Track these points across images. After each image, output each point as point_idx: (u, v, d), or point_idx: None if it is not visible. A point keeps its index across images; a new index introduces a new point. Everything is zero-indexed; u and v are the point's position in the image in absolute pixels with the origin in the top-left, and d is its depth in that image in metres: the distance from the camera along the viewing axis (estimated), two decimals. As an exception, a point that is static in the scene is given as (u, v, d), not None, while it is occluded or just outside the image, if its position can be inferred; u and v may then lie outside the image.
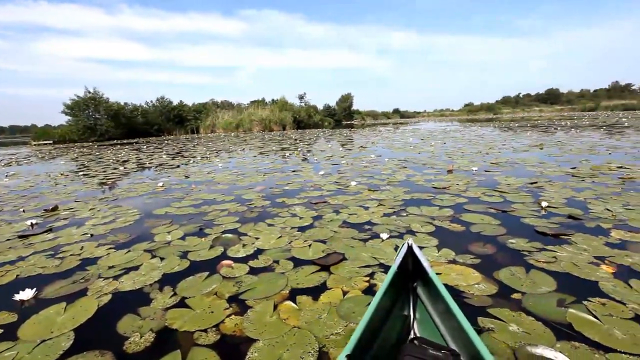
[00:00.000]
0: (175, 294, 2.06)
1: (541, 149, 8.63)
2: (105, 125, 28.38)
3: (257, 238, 2.94)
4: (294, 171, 6.58)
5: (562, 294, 1.87)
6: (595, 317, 1.66)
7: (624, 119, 22.67)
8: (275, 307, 1.89)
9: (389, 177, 5.49)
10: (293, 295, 2.00)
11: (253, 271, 2.32)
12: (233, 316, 1.81)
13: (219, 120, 32.88)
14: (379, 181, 5.19)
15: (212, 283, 2.17)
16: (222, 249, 2.71)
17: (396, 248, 2.60)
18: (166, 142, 20.81)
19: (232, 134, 28.24)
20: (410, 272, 1.54)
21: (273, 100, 38.31)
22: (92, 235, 3.30)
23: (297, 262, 2.44)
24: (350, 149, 10.77)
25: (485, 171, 5.68)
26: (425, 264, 1.35)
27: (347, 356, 0.95)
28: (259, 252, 2.65)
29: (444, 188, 4.49)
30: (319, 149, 11.31)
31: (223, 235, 3.04)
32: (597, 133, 12.82)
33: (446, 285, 2.01)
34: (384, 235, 2.80)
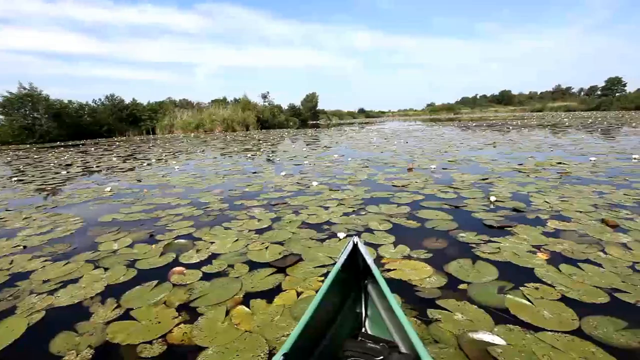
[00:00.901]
0: (119, 306, 1.94)
1: (494, 147, 9.14)
2: (45, 125, 25.44)
3: (212, 242, 2.85)
4: (255, 173, 6.48)
5: (503, 281, 1.99)
6: (529, 300, 1.78)
7: (565, 119, 24.56)
8: (227, 312, 1.84)
9: (350, 176, 5.56)
10: (247, 299, 1.96)
11: (206, 277, 2.25)
12: (182, 325, 1.73)
13: (178, 120, 31.15)
14: (340, 181, 5.23)
15: (161, 292, 2.07)
16: (174, 256, 2.60)
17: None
18: (118, 143, 19.54)
19: (192, 134, 27.23)
20: (362, 270, 1.56)
21: (235, 99, 37.34)
22: (25, 247, 3.01)
23: (253, 266, 2.39)
24: (314, 149, 10.79)
25: (443, 169, 5.91)
26: (369, 261, 1.37)
27: (284, 355, 0.94)
28: (213, 257, 2.58)
29: (403, 186, 4.61)
30: (282, 150, 11.24)
31: (176, 241, 2.91)
32: (543, 132, 13.80)
33: (400, 280, 2.08)
34: (342, 235, 2.82)
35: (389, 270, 2.20)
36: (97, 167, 8.85)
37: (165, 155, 10.90)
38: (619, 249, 2.37)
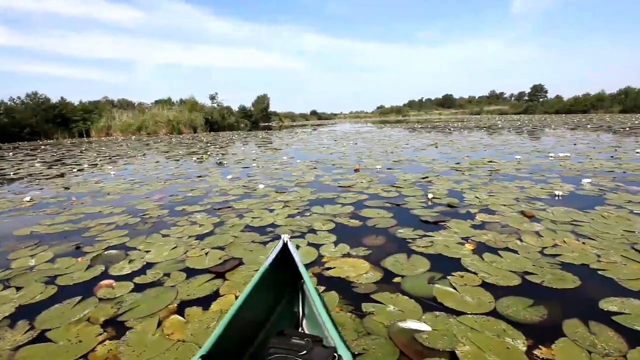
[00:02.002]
0: (32, 327, 1.75)
1: (436, 147, 9.71)
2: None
3: (147, 251, 2.70)
4: (200, 177, 6.25)
5: (433, 272, 2.12)
6: (454, 288, 1.92)
7: (499, 122, 26.79)
8: (159, 323, 1.75)
9: (298, 178, 5.58)
10: (181, 308, 1.88)
11: (138, 288, 2.12)
12: (107, 342, 1.61)
13: (116, 121, 28.80)
14: (287, 183, 5.23)
15: (85, 308, 1.91)
16: (103, 268, 2.41)
17: (297, 247, 2.64)
18: (43, 147, 17.52)
19: (133, 137, 25.47)
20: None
21: (181, 100, 35.54)
22: None
23: (191, 273, 2.30)
24: (264, 152, 10.68)
25: (388, 169, 6.16)
26: (297, 259, 1.39)
27: (202, 357, 0.92)
28: (148, 266, 2.44)
29: (349, 187, 4.72)
30: (231, 152, 10.98)
31: (106, 252, 2.71)
32: (480, 133, 14.95)
33: (338, 278, 2.13)
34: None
35: (328, 268, 2.25)
36: (15, 174, 7.91)
37: (100, 160, 10.07)
38: (532, 236, 2.64)
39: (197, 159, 9.37)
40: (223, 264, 2.43)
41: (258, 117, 49.38)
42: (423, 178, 5.08)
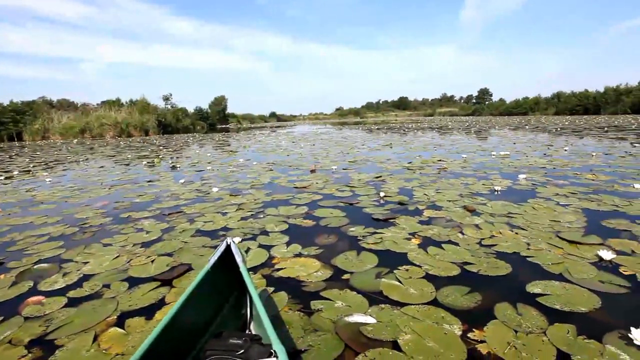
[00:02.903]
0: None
1: (390, 147, 10.04)
2: None
3: (85, 262, 2.52)
4: (150, 181, 5.95)
5: (381, 267, 2.19)
6: (399, 281, 2.00)
7: (449, 123, 28.28)
8: (95, 338, 1.64)
9: (253, 180, 5.50)
10: (122, 319, 1.78)
11: (72, 302, 1.97)
12: (33, 363, 1.49)
13: (55, 124, 26.44)
14: (243, 185, 5.14)
15: (6, 329, 1.73)
16: (31, 284, 2.21)
17: (247, 250, 2.61)
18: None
19: (75, 140, 23.62)
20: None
21: (132, 101, 33.59)
22: None
23: (134, 282, 2.19)
24: (220, 154, 10.41)
25: (343, 169, 6.26)
26: (238, 260, 1.37)
27: None
28: (85, 278, 2.27)
29: (304, 187, 4.74)
30: (185, 156, 10.57)
31: (35, 267, 2.48)
32: (432, 134, 15.69)
33: (289, 278, 2.13)
34: (236, 239, 2.77)
35: (279, 269, 2.24)
36: None
37: (34, 166, 9.19)
38: (472, 229, 2.82)
39: (148, 163, 8.93)
40: (171, 270, 2.33)
41: (215, 119, 48.08)
42: (376, 177, 5.23)
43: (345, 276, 2.11)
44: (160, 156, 10.63)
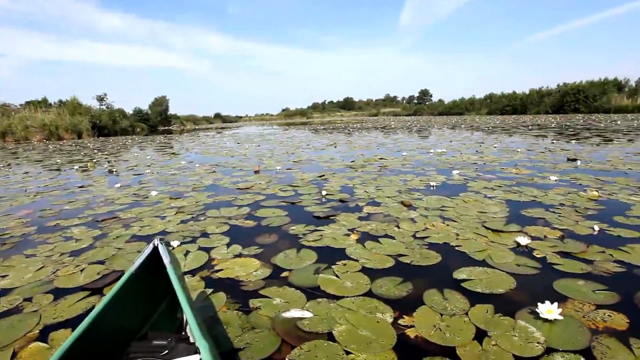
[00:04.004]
0: None
1: (335, 147, 10.26)
2: None
3: (4, 276, 2.30)
4: (82, 187, 5.51)
5: (320, 263, 2.27)
6: (336, 276, 2.09)
7: (392, 123, 29.56)
8: (14, 355, 1.52)
9: (195, 182, 5.34)
10: (45, 333, 1.66)
11: (-15, 320, 1.79)
12: None
13: None
14: (184, 188, 4.97)
15: None
16: None
17: (186, 253, 2.55)
18: None
19: (-7, 145, 21.10)
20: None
21: (61, 101, 30.58)
22: None
23: (60, 293, 2.04)
24: (161, 157, 9.91)
25: (287, 169, 6.30)
26: (166, 262, 1.36)
27: None
28: (2, 293, 2.08)
29: (247, 188, 4.71)
30: (122, 159, 9.91)
31: (-62, 285, 2.21)
32: (375, 133, 16.30)
33: (228, 278, 2.13)
34: (175, 243, 2.69)
35: (218, 270, 2.23)
36: None
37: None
38: (408, 223, 3.01)
39: (80, 167, 8.23)
40: (102, 278, 2.21)
41: (157, 121, 45.51)
42: (320, 177, 5.35)
43: (285, 274, 2.15)
44: (94, 160, 9.84)
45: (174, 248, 2.62)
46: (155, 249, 1.38)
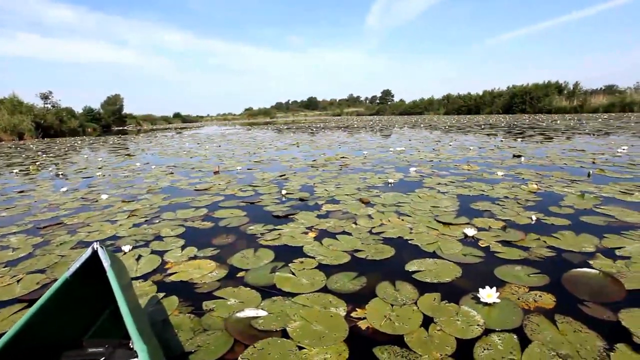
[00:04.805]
0: None
1: (297, 146, 10.26)
2: None
3: None
4: (21, 192, 5.10)
5: (277, 262, 2.27)
6: (293, 273, 2.10)
7: (355, 122, 30.08)
8: None
9: (151, 185, 5.12)
10: (-27, 352, 1.52)
11: None
12: None
13: None
14: (138, 191, 4.75)
15: None
16: None
17: (138, 258, 2.44)
18: None
19: None
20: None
21: (-1, 99, 27.96)
22: None
23: (-7, 307, 1.88)
24: (115, 158, 9.38)
25: (248, 169, 6.22)
26: (106, 266, 1.30)
27: None
28: None
29: (206, 189, 4.59)
30: (70, 161, 9.27)
31: None
32: (338, 132, 16.50)
33: (181, 281, 2.07)
34: (127, 248, 2.57)
35: (171, 274, 2.16)
36: None
37: None
38: (365, 219, 3.09)
39: (21, 171, 7.60)
40: (42, 288, 2.07)
41: (110, 121, 43.07)
42: (280, 176, 5.33)
43: (241, 274, 2.13)
44: (37, 163, 9.13)
45: (125, 253, 2.51)
46: (95, 253, 1.32)
